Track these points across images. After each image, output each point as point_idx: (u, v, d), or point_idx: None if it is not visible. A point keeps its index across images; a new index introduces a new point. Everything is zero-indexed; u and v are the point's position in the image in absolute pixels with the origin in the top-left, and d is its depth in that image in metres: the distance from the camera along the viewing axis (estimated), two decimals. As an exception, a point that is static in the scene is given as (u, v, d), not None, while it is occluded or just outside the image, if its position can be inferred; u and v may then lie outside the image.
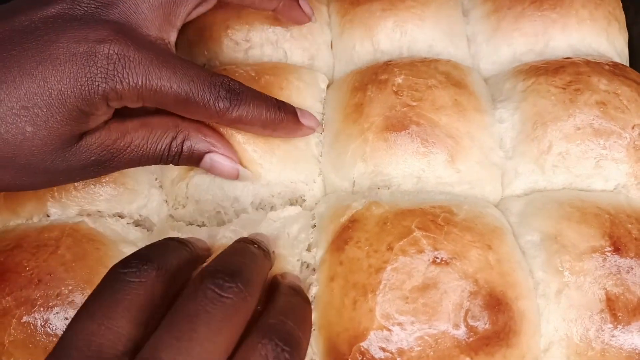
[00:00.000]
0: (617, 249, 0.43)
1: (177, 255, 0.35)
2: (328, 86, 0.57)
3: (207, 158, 0.46)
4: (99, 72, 0.38)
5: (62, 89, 0.38)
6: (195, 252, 0.37)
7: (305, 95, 0.53)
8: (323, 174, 0.51)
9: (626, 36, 0.60)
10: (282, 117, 0.46)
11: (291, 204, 0.50)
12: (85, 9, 0.40)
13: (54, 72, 0.37)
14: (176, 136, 0.44)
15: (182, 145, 0.45)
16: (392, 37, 0.59)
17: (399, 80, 0.51)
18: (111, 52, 0.38)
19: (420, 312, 0.40)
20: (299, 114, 0.48)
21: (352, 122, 0.50)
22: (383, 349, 0.39)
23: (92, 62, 0.38)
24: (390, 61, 0.54)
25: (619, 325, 0.41)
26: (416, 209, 0.44)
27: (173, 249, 0.35)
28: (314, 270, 0.44)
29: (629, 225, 0.44)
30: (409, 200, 0.46)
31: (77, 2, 0.40)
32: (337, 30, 0.61)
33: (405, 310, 0.40)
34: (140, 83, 0.39)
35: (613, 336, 0.41)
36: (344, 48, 0.60)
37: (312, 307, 0.42)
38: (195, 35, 0.60)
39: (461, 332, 0.39)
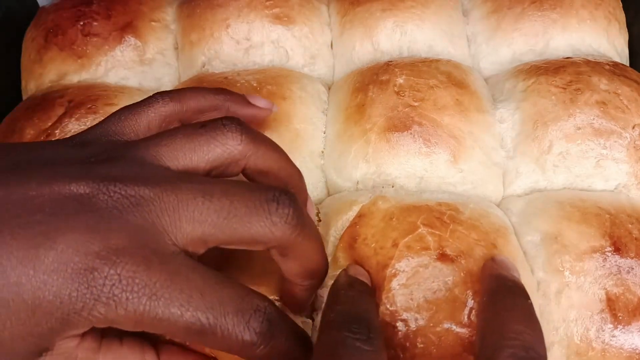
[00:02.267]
0: (618, 249, 0.43)
1: None
2: (328, 88, 0.57)
3: None
4: (89, 292, 0.29)
5: (37, 297, 0.29)
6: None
7: (308, 105, 0.53)
8: (325, 175, 0.51)
9: (626, 36, 0.60)
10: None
11: None
12: (110, 200, 0.31)
13: (33, 278, 0.29)
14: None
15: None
16: (392, 37, 0.59)
17: (400, 80, 0.51)
18: (112, 272, 0.30)
19: (424, 309, 0.39)
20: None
21: (353, 123, 0.50)
22: (386, 346, 0.39)
23: (84, 280, 0.29)
24: (391, 61, 0.54)
25: (619, 326, 0.41)
26: (422, 205, 0.44)
27: None
28: None
29: (630, 225, 0.44)
30: (413, 198, 0.46)
31: (107, 184, 0.32)
32: (337, 31, 0.61)
33: (409, 307, 0.40)
34: (141, 310, 0.30)
35: (613, 336, 0.41)
36: (344, 48, 0.60)
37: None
38: (195, 34, 0.59)
39: (465, 330, 0.39)
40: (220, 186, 0.34)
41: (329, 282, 0.41)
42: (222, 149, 0.36)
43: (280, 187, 0.35)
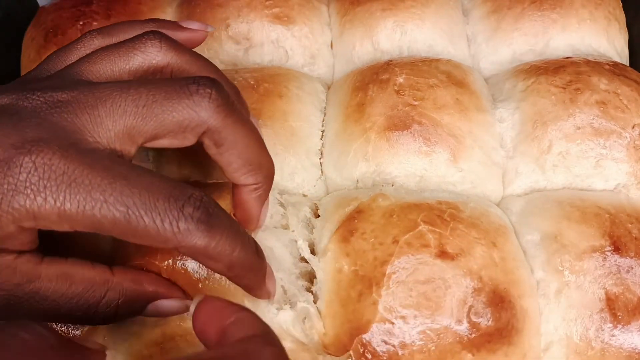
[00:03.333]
0: (617, 249, 0.43)
1: None
2: (328, 88, 0.57)
3: (151, 307, 0.38)
4: (8, 185, 0.29)
5: None
6: None
7: (305, 102, 0.53)
8: (325, 174, 0.51)
9: (626, 36, 0.60)
10: (258, 266, 0.36)
11: None
12: (29, 105, 0.32)
13: None
14: (105, 295, 0.35)
15: (117, 307, 0.35)
16: (392, 37, 0.59)
17: (400, 79, 0.51)
18: (27, 160, 0.29)
19: (424, 306, 0.40)
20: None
21: (353, 121, 0.50)
22: (385, 342, 0.39)
23: (1, 171, 0.29)
24: (391, 61, 0.54)
25: (618, 325, 0.41)
26: (423, 203, 0.44)
27: None
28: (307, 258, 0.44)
29: (629, 225, 0.44)
30: (413, 196, 0.46)
31: (28, 94, 0.33)
32: (337, 30, 0.61)
33: (409, 304, 0.40)
34: (61, 200, 0.29)
35: (613, 336, 0.41)
36: (344, 48, 0.60)
37: (315, 296, 0.42)
38: (195, 34, 0.60)
39: (464, 328, 0.39)
40: (138, 81, 0.35)
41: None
42: (142, 57, 0.37)
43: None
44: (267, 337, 0.27)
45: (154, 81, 0.35)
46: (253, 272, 0.36)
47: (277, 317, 0.40)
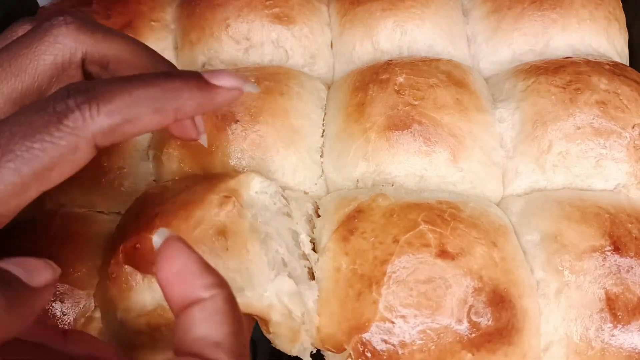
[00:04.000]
0: (617, 249, 0.43)
1: None
2: (328, 88, 0.57)
3: None
4: None
5: None
6: None
7: (306, 100, 0.53)
8: (325, 174, 0.51)
9: (626, 36, 0.60)
10: (177, 85, 0.32)
11: None
12: None
13: None
14: None
15: None
16: (392, 37, 0.59)
17: (401, 79, 0.51)
18: None
19: (424, 305, 0.40)
20: (207, 75, 0.34)
21: (353, 121, 0.50)
22: (385, 341, 0.39)
23: None
24: (391, 60, 0.54)
25: (618, 325, 0.41)
26: (423, 203, 0.44)
27: None
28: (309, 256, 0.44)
29: (629, 225, 0.44)
30: (413, 196, 0.46)
31: None
32: (337, 30, 0.61)
33: (409, 303, 0.40)
34: None
35: (613, 335, 0.41)
36: (344, 48, 0.60)
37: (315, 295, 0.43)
38: (195, 34, 0.60)
39: (464, 327, 0.39)
40: None
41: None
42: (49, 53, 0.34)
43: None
44: (228, 346, 0.27)
45: (11, 43, 0.34)
46: (182, 93, 0.32)
47: (274, 282, 0.39)
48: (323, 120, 0.54)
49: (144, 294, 0.39)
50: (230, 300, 0.28)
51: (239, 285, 0.37)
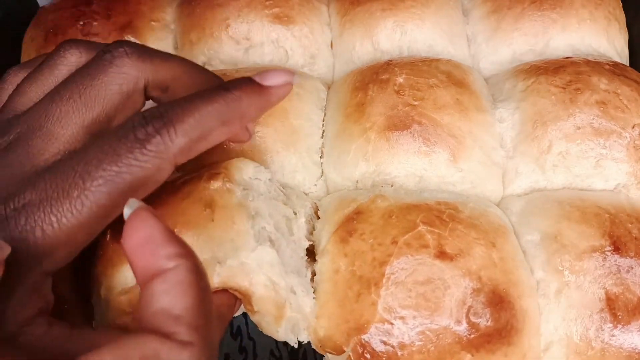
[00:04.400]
0: (617, 249, 0.43)
1: None
2: (328, 88, 0.57)
3: None
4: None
5: None
6: None
7: (305, 101, 0.53)
8: (325, 174, 0.51)
9: (626, 36, 0.60)
10: (236, 95, 0.36)
11: None
12: None
13: None
14: None
15: None
16: (392, 37, 0.59)
17: (400, 79, 0.51)
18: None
19: (423, 306, 0.40)
20: (258, 78, 0.38)
21: (353, 121, 0.50)
22: (384, 342, 0.39)
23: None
24: (391, 60, 0.54)
25: (618, 325, 0.41)
26: (422, 204, 0.44)
27: None
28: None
29: (629, 225, 0.44)
30: (412, 197, 0.46)
31: None
32: (337, 30, 0.61)
33: (408, 304, 0.40)
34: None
35: (613, 336, 0.41)
36: (344, 48, 0.60)
37: (314, 296, 0.42)
38: (195, 34, 0.60)
39: (463, 328, 0.39)
40: (61, 84, 0.35)
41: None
42: (65, 67, 0.37)
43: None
44: (189, 319, 0.27)
45: (74, 74, 0.36)
46: (241, 102, 0.36)
47: (256, 252, 0.38)
48: (323, 121, 0.54)
49: (126, 271, 0.38)
50: (195, 271, 0.28)
51: (223, 255, 0.37)
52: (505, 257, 0.42)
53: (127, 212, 0.29)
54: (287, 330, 0.39)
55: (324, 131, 0.53)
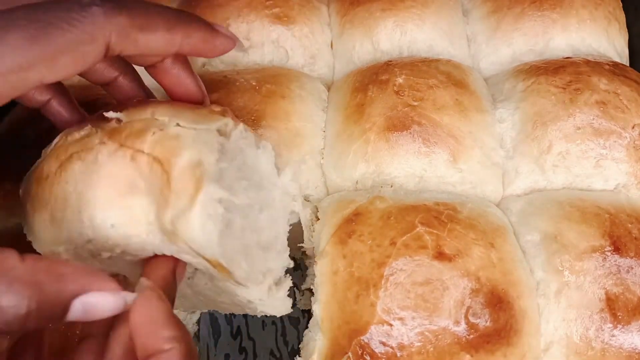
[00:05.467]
0: (617, 249, 0.43)
1: None
2: (328, 88, 0.57)
3: (77, 304, 0.29)
4: None
5: None
6: None
7: (307, 103, 0.53)
8: (325, 175, 0.51)
9: (626, 36, 0.60)
10: (186, 14, 0.36)
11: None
12: None
13: None
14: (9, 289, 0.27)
15: (28, 310, 0.27)
16: (392, 37, 0.59)
17: (400, 80, 0.51)
18: None
19: (422, 307, 0.40)
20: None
21: (353, 122, 0.50)
22: (383, 344, 0.39)
23: None
24: (390, 61, 0.54)
25: (618, 325, 0.41)
26: (420, 205, 0.44)
27: None
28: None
29: (629, 225, 0.44)
30: (412, 197, 0.46)
31: None
32: (337, 30, 0.61)
33: (407, 305, 0.40)
34: None
35: (613, 336, 0.41)
36: (344, 48, 0.60)
37: (314, 298, 0.42)
38: (195, 34, 0.60)
39: (462, 328, 0.39)
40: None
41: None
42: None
43: None
44: None
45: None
46: (193, 24, 0.36)
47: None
48: (324, 122, 0.54)
49: None
50: (187, 355, 0.30)
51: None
52: (504, 257, 0.42)
53: (129, 300, 0.30)
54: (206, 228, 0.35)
55: (324, 130, 0.53)
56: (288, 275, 0.43)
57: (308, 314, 0.54)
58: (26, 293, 0.27)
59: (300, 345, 0.44)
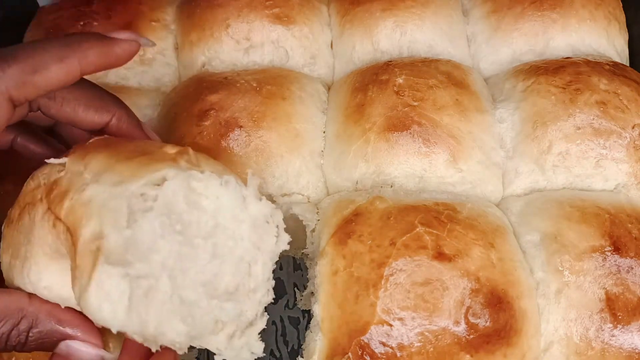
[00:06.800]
0: (617, 249, 0.43)
1: None
2: (328, 88, 0.57)
3: (63, 345, 0.36)
4: None
5: None
6: None
7: (308, 104, 0.53)
8: (325, 175, 0.51)
9: (626, 36, 0.60)
10: (76, 37, 0.36)
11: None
12: None
13: None
14: (18, 323, 0.35)
15: (27, 334, 0.35)
16: (392, 37, 0.59)
17: (400, 80, 0.51)
18: None
19: (421, 308, 0.40)
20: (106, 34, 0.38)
21: (353, 122, 0.50)
22: (383, 344, 0.39)
23: None
24: (390, 61, 0.54)
25: (618, 325, 0.41)
26: (420, 205, 0.44)
27: None
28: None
29: (629, 225, 0.44)
30: (411, 198, 0.46)
31: None
32: (337, 31, 0.61)
33: (406, 305, 0.40)
34: None
35: (613, 336, 0.41)
36: (344, 48, 0.60)
37: (314, 298, 0.42)
38: (195, 34, 0.60)
39: (462, 329, 0.39)
40: None
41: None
42: None
43: None
44: None
45: None
46: (85, 44, 0.36)
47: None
48: (325, 123, 0.54)
49: None
50: None
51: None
52: (504, 257, 0.42)
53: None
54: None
55: (324, 131, 0.53)
56: (264, 314, 0.38)
57: (308, 314, 0.54)
58: (27, 327, 0.35)
59: (302, 346, 0.44)
